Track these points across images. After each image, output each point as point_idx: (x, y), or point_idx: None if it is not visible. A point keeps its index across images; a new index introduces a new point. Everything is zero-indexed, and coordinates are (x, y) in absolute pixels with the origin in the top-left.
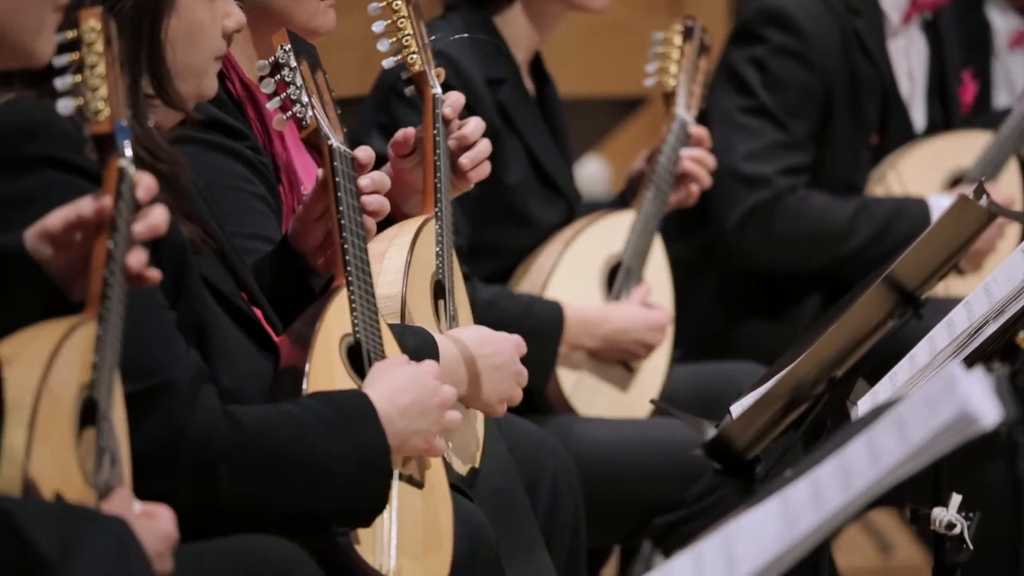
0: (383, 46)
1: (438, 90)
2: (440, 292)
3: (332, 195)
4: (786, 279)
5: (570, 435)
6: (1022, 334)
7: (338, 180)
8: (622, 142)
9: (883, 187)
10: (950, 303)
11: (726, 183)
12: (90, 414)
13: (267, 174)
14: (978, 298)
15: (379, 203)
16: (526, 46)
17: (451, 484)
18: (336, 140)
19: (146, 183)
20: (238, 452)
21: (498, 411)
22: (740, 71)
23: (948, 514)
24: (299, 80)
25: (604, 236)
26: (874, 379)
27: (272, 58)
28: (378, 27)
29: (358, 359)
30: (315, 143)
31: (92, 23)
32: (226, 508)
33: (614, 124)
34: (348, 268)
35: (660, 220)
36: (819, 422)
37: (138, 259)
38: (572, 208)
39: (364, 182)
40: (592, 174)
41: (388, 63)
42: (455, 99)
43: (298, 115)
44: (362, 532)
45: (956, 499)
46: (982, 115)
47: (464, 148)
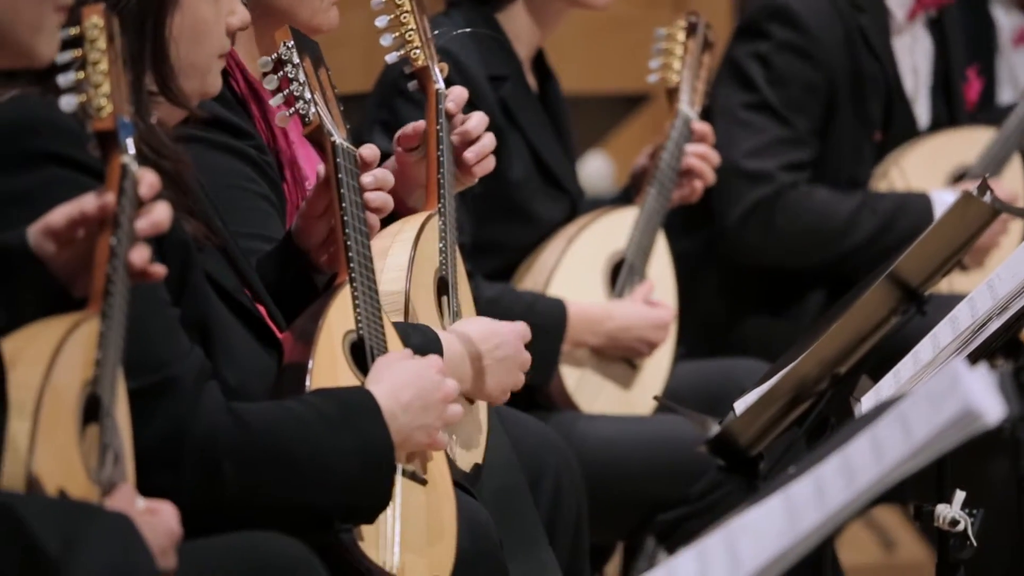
0: (386, 41)
1: (441, 85)
2: (444, 288)
3: (335, 191)
4: (790, 275)
5: (573, 432)
6: None
7: (341, 177)
8: (625, 138)
9: (886, 183)
10: (954, 300)
11: (728, 179)
12: (93, 411)
13: (271, 173)
14: (982, 295)
15: (382, 199)
16: (528, 43)
17: (454, 481)
18: (339, 136)
19: (149, 180)
20: (241, 449)
21: (500, 400)
22: (744, 67)
23: (952, 511)
24: (302, 76)
25: (607, 233)
26: (878, 376)
27: (275, 54)
28: (381, 22)
29: (361, 355)
30: (318, 140)
31: (94, 20)
32: (229, 505)
33: (617, 120)
34: (351, 264)
35: (663, 216)
36: (823, 419)
37: (141, 255)
38: (575, 205)
39: (367, 179)
40: (595, 170)
41: (391, 58)
42: (458, 94)
43: (301, 111)
44: (366, 528)
45: (960, 496)
46: (986, 112)
47: (468, 143)
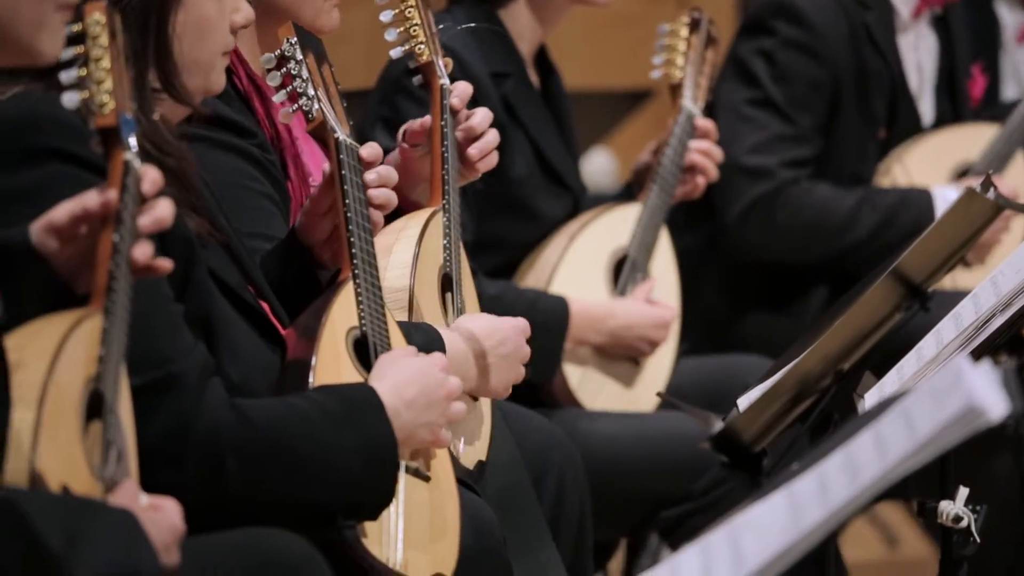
0: (391, 36)
1: (446, 81)
2: (448, 285)
3: (338, 188)
4: (792, 272)
5: (576, 429)
6: None
7: (344, 173)
8: (628, 135)
9: (889, 179)
10: (957, 296)
11: (730, 175)
12: (96, 407)
13: (274, 171)
14: (985, 291)
15: (386, 196)
16: (531, 39)
17: (458, 478)
18: (342, 133)
19: (151, 176)
20: (245, 445)
21: (503, 395)
22: (748, 63)
23: (955, 507)
24: (305, 73)
25: (610, 229)
26: (881, 372)
27: (278, 51)
28: (385, 16)
29: (364, 352)
30: (321, 136)
31: (96, 16)
32: (232, 501)
33: (620, 117)
34: (354, 261)
35: (666, 213)
36: (826, 415)
37: (144, 252)
38: (577, 201)
39: (371, 177)
40: (598, 167)
41: (396, 53)
42: (463, 89)
43: (304, 108)
44: (369, 525)
45: (963, 492)
46: (990, 108)
47: (472, 139)
